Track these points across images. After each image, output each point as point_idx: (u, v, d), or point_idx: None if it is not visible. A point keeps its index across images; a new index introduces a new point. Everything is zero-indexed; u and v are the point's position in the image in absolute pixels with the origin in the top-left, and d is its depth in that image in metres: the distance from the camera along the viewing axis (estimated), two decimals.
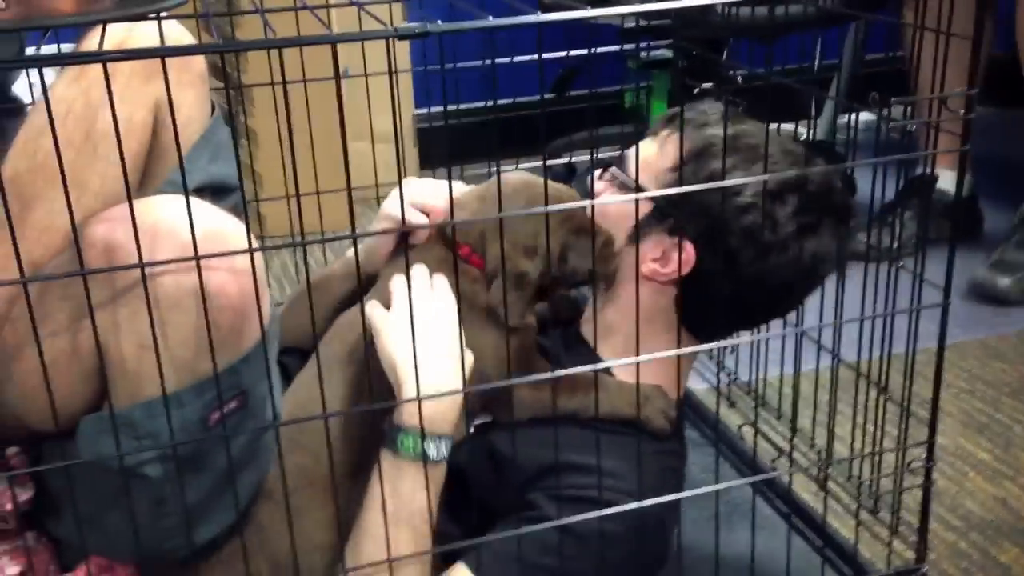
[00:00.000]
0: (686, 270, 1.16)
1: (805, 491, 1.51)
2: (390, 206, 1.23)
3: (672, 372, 1.21)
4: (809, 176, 1.16)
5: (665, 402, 1.19)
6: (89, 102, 1.06)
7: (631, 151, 1.24)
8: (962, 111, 1.11)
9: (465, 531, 1.13)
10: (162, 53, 0.77)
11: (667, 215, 1.17)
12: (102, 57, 0.77)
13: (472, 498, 1.17)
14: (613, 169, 1.25)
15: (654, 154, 1.22)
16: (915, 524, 1.29)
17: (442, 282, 1.12)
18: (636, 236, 1.16)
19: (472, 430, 1.18)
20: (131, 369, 0.99)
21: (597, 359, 1.22)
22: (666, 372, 1.20)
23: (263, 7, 0.95)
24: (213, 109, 1.24)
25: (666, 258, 1.18)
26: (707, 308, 1.20)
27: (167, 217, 0.97)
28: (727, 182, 1.10)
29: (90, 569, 1.03)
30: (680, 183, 1.11)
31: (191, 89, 1.18)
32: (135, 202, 0.91)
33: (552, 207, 1.02)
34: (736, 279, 1.17)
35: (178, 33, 1.18)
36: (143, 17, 0.91)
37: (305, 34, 0.98)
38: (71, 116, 1.04)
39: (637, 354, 1.07)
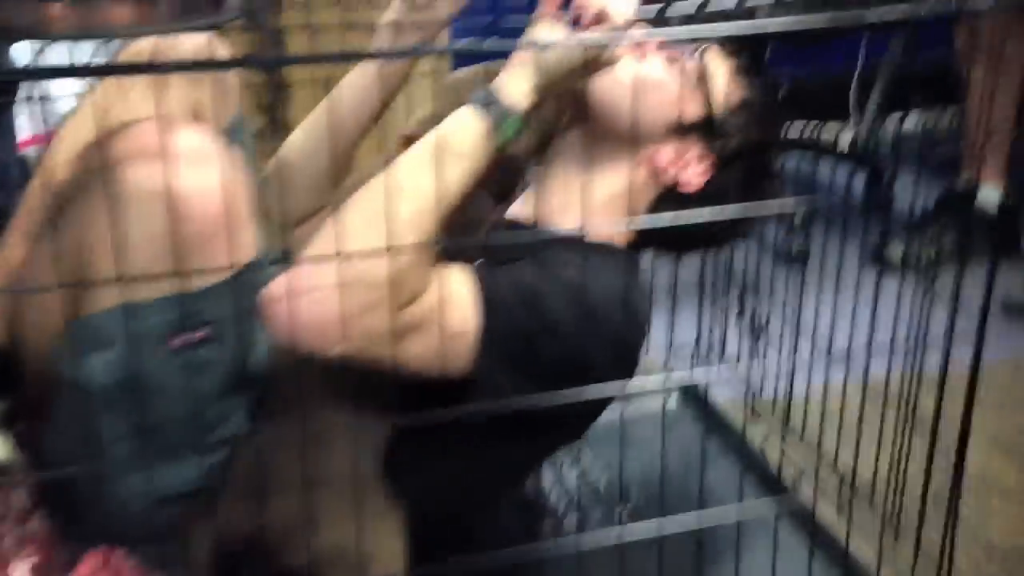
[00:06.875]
0: (696, 185, 1.17)
1: (826, 509, 1.49)
2: None
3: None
4: None
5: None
6: (128, 108, 1.09)
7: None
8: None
9: None
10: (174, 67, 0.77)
11: (717, 135, 1.17)
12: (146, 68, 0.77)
13: None
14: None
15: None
16: (936, 551, 1.27)
17: None
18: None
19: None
20: (98, 272, 0.96)
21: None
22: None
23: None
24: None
25: (681, 163, 1.17)
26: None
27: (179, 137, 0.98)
28: None
29: (86, 568, 1.03)
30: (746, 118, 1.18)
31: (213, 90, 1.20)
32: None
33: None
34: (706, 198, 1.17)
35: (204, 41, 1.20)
36: (197, 29, 0.92)
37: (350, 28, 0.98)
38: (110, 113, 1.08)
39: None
